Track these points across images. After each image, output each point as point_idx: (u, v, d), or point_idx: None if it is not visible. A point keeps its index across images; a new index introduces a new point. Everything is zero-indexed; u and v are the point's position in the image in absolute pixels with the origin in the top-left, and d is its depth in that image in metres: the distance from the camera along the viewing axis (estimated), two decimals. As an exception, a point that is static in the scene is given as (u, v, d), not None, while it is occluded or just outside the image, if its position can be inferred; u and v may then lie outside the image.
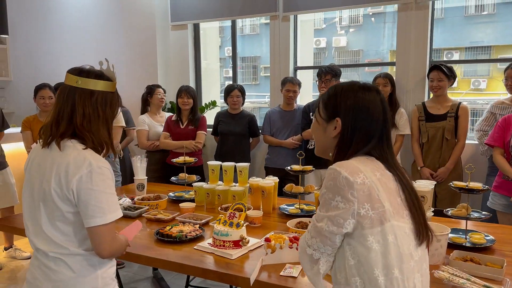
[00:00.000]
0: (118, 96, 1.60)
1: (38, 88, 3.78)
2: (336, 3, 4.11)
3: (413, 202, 1.23)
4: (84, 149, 1.45)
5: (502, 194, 2.89)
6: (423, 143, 3.53)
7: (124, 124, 3.94)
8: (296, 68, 4.54)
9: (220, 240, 2.02)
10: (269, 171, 3.95)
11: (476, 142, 3.52)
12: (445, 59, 10.58)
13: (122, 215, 1.50)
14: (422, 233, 1.21)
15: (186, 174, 3.02)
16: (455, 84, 3.55)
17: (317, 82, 3.70)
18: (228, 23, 5.25)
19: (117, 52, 5.06)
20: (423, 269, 1.22)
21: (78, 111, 1.45)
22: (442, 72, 3.38)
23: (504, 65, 3.37)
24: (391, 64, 4.74)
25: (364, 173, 1.16)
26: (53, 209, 1.44)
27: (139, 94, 4.27)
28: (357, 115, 1.25)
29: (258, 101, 11.82)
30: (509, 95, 3.40)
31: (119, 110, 3.84)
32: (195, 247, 2.07)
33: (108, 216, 1.42)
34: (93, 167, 1.40)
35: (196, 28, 5.02)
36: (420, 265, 1.21)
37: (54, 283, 1.47)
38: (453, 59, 11.47)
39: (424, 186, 2.13)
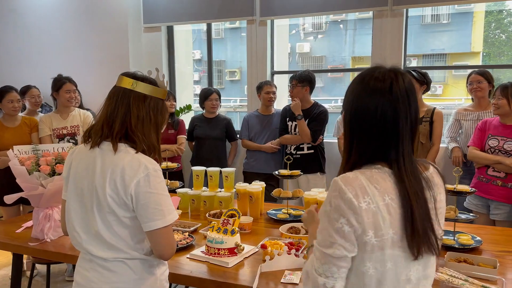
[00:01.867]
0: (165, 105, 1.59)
1: (4, 92, 3.55)
2: (312, 9, 4.15)
3: (421, 226, 1.07)
4: (135, 153, 1.43)
5: (477, 195, 3.00)
6: None
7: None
8: (273, 73, 4.54)
9: (214, 248, 1.97)
10: (247, 176, 3.92)
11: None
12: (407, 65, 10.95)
13: (178, 216, 1.51)
14: (421, 251, 1.08)
15: (168, 180, 2.94)
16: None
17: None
18: (196, 26, 5.19)
19: (87, 54, 4.87)
20: (420, 287, 1.13)
21: (133, 113, 1.44)
22: (414, 78, 3.48)
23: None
24: (355, 70, 4.84)
25: (372, 197, 1.04)
26: (109, 214, 1.41)
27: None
28: (355, 115, 1.12)
29: (224, 105, 11.78)
30: (471, 103, 3.61)
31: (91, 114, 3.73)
32: (187, 256, 2.00)
33: (167, 218, 1.42)
34: (149, 170, 1.39)
35: (170, 31, 4.92)
36: (418, 285, 1.12)
37: (113, 284, 1.44)
38: (411, 65, 11.91)
39: None
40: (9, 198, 2.25)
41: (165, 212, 1.41)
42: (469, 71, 3.51)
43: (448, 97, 11.81)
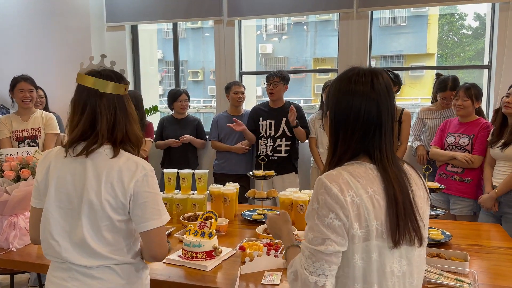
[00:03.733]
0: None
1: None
2: (280, 10, 4.17)
3: (403, 211, 1.12)
4: (128, 153, 1.44)
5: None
6: None
7: (59, 131, 3.64)
8: (241, 73, 4.53)
9: (192, 252, 1.93)
10: (217, 177, 3.89)
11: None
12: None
13: (170, 217, 1.49)
14: (400, 241, 1.11)
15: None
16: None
17: (266, 85, 3.73)
18: (159, 25, 5.10)
19: (49, 53, 4.66)
20: (406, 283, 1.16)
21: (118, 115, 1.43)
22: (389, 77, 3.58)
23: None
24: (327, 71, 4.92)
25: (355, 190, 1.09)
26: (101, 219, 1.37)
27: (71, 98, 3.96)
28: (340, 102, 1.17)
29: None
30: (429, 103, 3.79)
31: (53, 116, 3.56)
32: (163, 261, 1.95)
33: (163, 218, 1.43)
34: (147, 170, 1.40)
35: (134, 30, 4.80)
36: (404, 280, 1.15)
37: None
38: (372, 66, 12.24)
39: None
40: (-31, 206, 2.11)
41: (161, 212, 1.42)
42: (424, 71, 3.66)
43: (405, 97, 12.24)
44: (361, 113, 1.13)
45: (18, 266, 2.06)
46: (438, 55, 13.30)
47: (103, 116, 1.40)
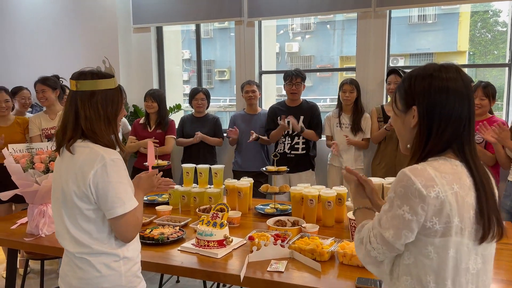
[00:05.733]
0: (121, 92, 1.60)
1: (-6, 92, 3.61)
2: (299, 10, 4.25)
3: (487, 209, 1.13)
4: (94, 144, 1.50)
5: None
6: (380, 143, 3.76)
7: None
8: (261, 73, 4.63)
9: (204, 241, 2.06)
10: (237, 174, 4.01)
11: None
12: (391, 65, 11.15)
13: (138, 203, 1.54)
14: (487, 235, 1.13)
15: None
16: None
17: (285, 85, 3.82)
18: (186, 26, 5.26)
19: (76, 54, 4.92)
20: (479, 282, 1.15)
21: (81, 115, 1.49)
22: (400, 76, 3.60)
23: None
24: (347, 69, 4.95)
25: (440, 186, 1.08)
26: (72, 208, 1.48)
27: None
28: (434, 98, 1.14)
29: (214, 104, 11.86)
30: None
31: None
32: (178, 249, 2.09)
33: (127, 205, 1.47)
34: (106, 160, 1.45)
35: (159, 31, 4.99)
36: (477, 278, 1.14)
37: (80, 280, 1.51)
38: (398, 65, 12.11)
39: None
40: (4, 195, 2.31)
41: (124, 199, 1.46)
42: None
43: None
44: (455, 109, 1.13)
45: (47, 250, 2.25)
46: (470, 53, 13.00)
47: (67, 112, 1.53)
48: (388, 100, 4.06)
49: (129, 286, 1.56)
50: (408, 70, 1.32)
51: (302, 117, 3.76)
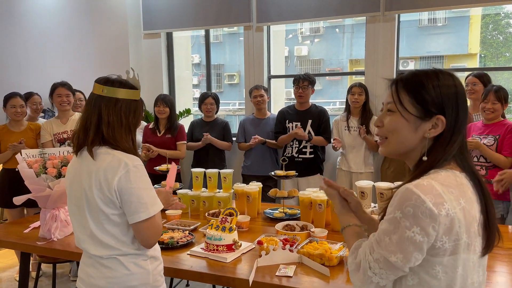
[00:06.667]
0: (142, 104, 1.65)
1: (8, 97, 3.67)
2: (307, 15, 4.27)
3: (491, 221, 1.10)
4: (116, 151, 1.52)
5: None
6: None
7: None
8: (270, 77, 4.65)
9: (213, 245, 2.07)
10: (246, 178, 4.02)
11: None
12: (401, 68, 11.10)
13: (162, 206, 1.59)
14: (491, 247, 1.11)
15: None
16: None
17: (294, 88, 3.84)
18: (196, 31, 5.31)
19: (87, 60, 4.98)
20: None
21: (104, 120, 1.51)
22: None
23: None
24: (356, 73, 4.95)
25: (448, 202, 1.01)
26: (98, 213, 1.51)
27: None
28: (462, 108, 1.09)
29: (223, 108, 11.90)
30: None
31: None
32: (188, 253, 2.10)
33: (150, 210, 1.50)
34: (129, 166, 1.48)
35: (169, 37, 5.05)
36: None
37: (108, 279, 1.55)
38: (408, 68, 12.04)
39: (367, 184, 2.48)
40: (18, 200, 2.35)
41: (148, 205, 1.50)
42: (467, 73, 3.61)
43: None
44: (466, 117, 1.12)
45: (59, 254, 2.28)
46: (482, 55, 12.88)
47: (90, 115, 1.53)
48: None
49: (154, 285, 1.61)
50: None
51: (310, 121, 3.77)
